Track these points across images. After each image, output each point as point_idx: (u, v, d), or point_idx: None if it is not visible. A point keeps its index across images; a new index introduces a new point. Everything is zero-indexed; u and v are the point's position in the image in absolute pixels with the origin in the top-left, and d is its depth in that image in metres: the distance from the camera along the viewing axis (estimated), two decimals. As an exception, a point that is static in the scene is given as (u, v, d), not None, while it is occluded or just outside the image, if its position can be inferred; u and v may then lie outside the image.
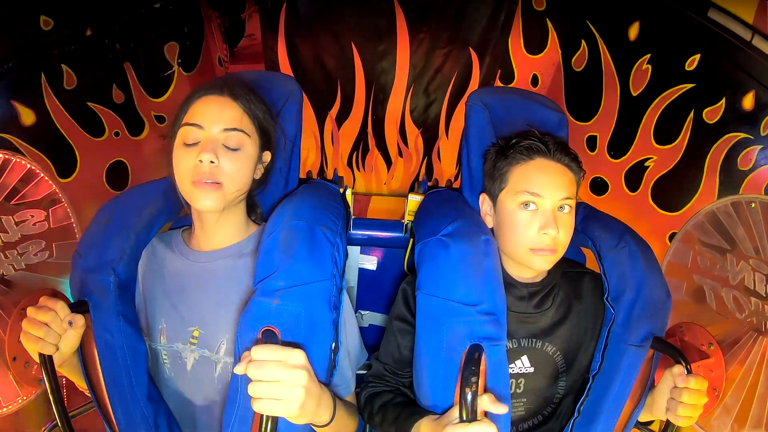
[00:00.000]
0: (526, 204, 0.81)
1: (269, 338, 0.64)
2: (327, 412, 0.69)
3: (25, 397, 0.95)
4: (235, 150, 0.76)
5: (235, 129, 0.76)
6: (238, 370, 0.60)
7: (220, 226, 0.82)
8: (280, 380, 0.59)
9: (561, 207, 0.81)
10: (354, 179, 2.15)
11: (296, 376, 0.60)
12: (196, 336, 0.80)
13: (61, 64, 1.02)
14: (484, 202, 0.89)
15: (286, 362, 0.60)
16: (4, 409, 0.91)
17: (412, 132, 2.04)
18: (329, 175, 2.11)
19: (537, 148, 0.82)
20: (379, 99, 1.94)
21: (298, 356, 0.61)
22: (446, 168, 2.12)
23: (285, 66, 1.83)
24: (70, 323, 0.71)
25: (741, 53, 0.92)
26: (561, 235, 0.80)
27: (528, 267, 0.83)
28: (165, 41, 1.39)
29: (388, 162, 2.12)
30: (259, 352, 0.59)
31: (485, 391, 0.72)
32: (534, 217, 0.80)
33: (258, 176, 0.83)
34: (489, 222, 0.88)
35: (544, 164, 0.82)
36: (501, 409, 0.65)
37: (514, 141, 0.84)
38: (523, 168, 0.82)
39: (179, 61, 1.44)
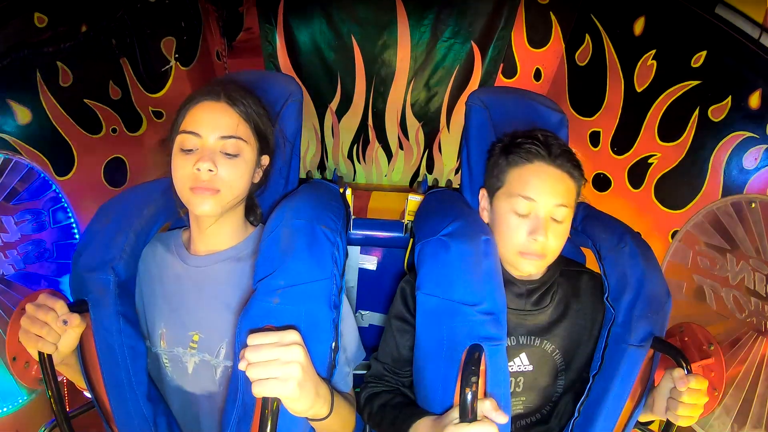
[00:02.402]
0: (519, 208, 0.80)
1: None
2: (325, 405, 0.69)
3: (25, 397, 0.95)
4: (232, 157, 0.75)
5: (232, 137, 0.75)
6: (242, 366, 0.61)
7: (217, 229, 0.81)
8: (277, 359, 0.60)
9: (555, 214, 0.80)
10: (355, 171, 2.14)
11: (291, 352, 0.61)
12: (196, 340, 0.80)
13: (56, 62, 1.01)
14: (483, 197, 0.89)
15: (281, 341, 0.61)
16: (5, 409, 0.92)
17: (413, 125, 2.02)
18: (329, 168, 2.11)
19: (536, 151, 0.81)
20: (379, 92, 1.93)
21: (291, 335, 0.63)
22: (447, 161, 2.11)
23: (284, 59, 1.81)
24: (65, 322, 0.71)
25: (748, 51, 0.90)
26: (551, 242, 0.79)
27: (515, 269, 0.83)
28: (162, 36, 1.37)
29: (389, 154, 2.11)
30: (255, 337, 0.62)
31: (485, 390, 0.72)
32: (525, 221, 0.80)
33: (256, 180, 0.83)
34: (485, 217, 0.88)
35: (542, 168, 0.81)
36: (501, 419, 0.66)
37: (517, 141, 0.83)
38: (521, 171, 0.82)
39: (176, 55, 1.42)
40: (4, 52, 0.88)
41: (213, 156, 0.73)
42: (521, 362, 0.86)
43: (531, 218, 0.80)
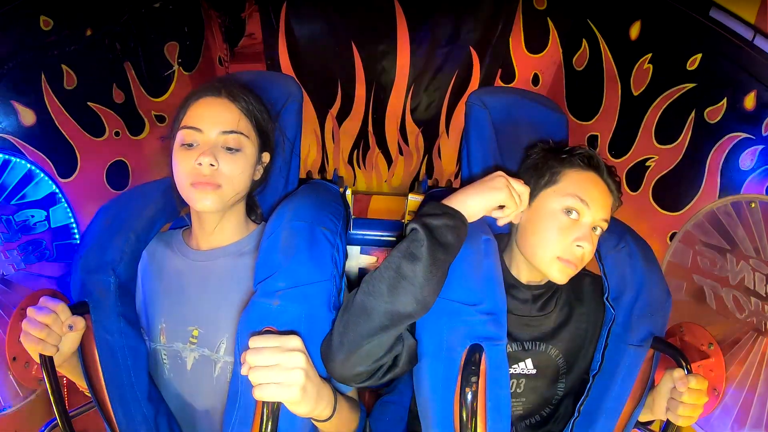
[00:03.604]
0: (570, 209, 0.79)
1: None
2: (328, 406, 0.69)
3: (25, 397, 0.95)
4: (233, 152, 0.76)
5: (233, 131, 0.76)
6: (244, 371, 0.61)
7: (220, 226, 0.82)
8: (278, 364, 0.60)
9: (596, 227, 0.80)
10: (355, 177, 2.15)
11: (293, 359, 0.61)
12: (196, 335, 0.80)
13: (61, 64, 1.02)
14: None
15: (283, 347, 0.61)
16: (4, 409, 0.91)
17: (413, 131, 2.04)
18: (330, 173, 2.11)
19: (596, 162, 0.82)
20: (379, 98, 1.94)
21: (294, 340, 0.63)
22: (447, 166, 2.12)
23: (286, 65, 1.82)
24: (71, 327, 0.71)
25: (743, 53, 0.91)
26: (587, 254, 0.79)
27: (544, 274, 0.81)
28: (165, 41, 1.39)
29: (389, 160, 2.12)
30: (257, 340, 0.62)
31: (486, 390, 0.72)
32: (573, 226, 0.79)
33: (257, 177, 0.84)
34: (517, 217, 0.85)
35: (597, 179, 0.81)
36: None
37: (567, 148, 0.84)
38: (578, 174, 0.81)
39: (179, 60, 1.44)
40: (10, 54, 0.89)
41: (214, 150, 0.74)
42: (525, 366, 0.86)
43: (579, 225, 0.79)
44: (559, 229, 0.79)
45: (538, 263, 0.81)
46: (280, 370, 0.60)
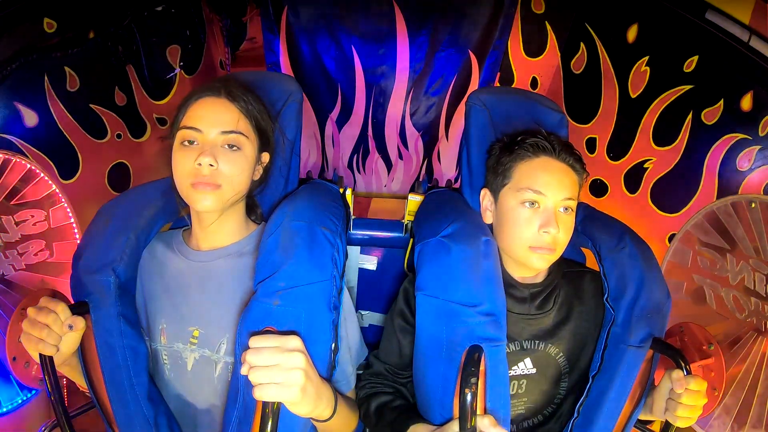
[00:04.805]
0: (528, 202, 0.80)
1: None
2: (329, 406, 0.69)
3: (24, 397, 0.95)
4: (233, 152, 0.76)
5: (233, 131, 0.76)
6: (244, 370, 0.61)
7: (220, 226, 0.82)
8: (278, 364, 0.60)
9: (562, 207, 0.81)
10: (354, 181, 2.15)
11: (293, 359, 0.61)
12: (196, 336, 0.80)
13: (64, 67, 1.02)
14: (485, 197, 0.88)
15: (283, 347, 0.61)
16: (4, 409, 0.91)
17: (412, 135, 2.05)
18: (329, 176, 2.12)
19: (543, 146, 0.81)
20: (379, 102, 1.95)
21: (294, 341, 0.62)
22: (446, 170, 2.13)
23: (286, 69, 1.84)
24: (71, 327, 0.71)
25: (739, 54, 0.92)
26: (561, 235, 0.80)
27: (525, 265, 0.83)
28: (167, 44, 1.40)
29: (389, 164, 2.13)
30: (257, 340, 0.61)
31: (485, 391, 0.72)
32: (535, 215, 0.80)
33: (257, 177, 0.84)
34: (488, 218, 0.88)
35: (548, 163, 0.81)
36: None
37: (519, 138, 0.84)
38: (527, 165, 0.82)
39: (181, 63, 1.45)
40: (13, 56, 0.89)
41: (214, 151, 0.74)
42: (525, 366, 0.86)
43: (541, 212, 0.80)
44: (523, 222, 0.80)
45: (516, 256, 0.83)
46: (280, 371, 0.60)
